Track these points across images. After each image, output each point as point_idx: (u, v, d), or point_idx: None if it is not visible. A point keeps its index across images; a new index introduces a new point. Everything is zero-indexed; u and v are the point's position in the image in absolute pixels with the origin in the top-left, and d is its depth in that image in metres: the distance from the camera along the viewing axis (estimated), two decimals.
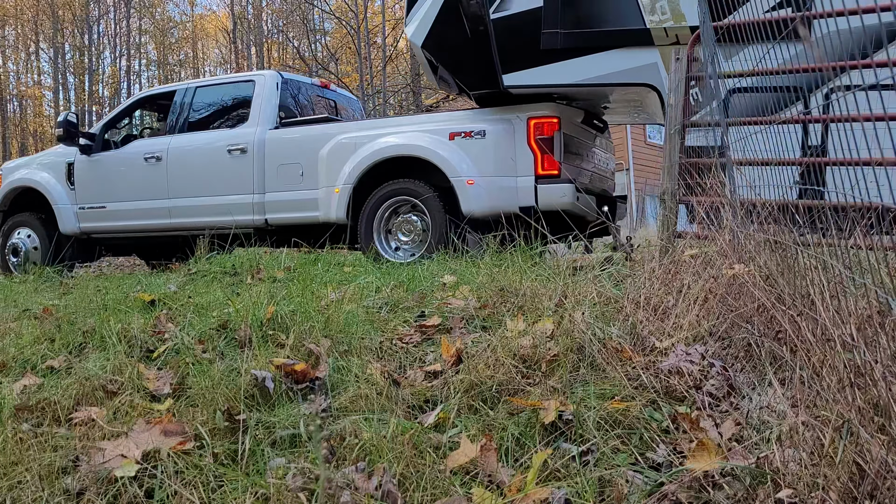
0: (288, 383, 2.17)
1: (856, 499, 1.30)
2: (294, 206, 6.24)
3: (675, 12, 5.03)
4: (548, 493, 1.48)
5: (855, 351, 1.50)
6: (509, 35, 5.37)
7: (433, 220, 5.64)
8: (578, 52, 5.27)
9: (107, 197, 7.06)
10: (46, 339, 3.02)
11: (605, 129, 6.74)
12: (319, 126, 6.39)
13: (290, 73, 8.58)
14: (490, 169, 5.51)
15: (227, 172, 6.47)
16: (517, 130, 5.47)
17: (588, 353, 2.19)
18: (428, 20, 5.67)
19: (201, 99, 6.96)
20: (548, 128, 5.39)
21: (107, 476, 1.65)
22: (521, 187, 5.44)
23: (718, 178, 3.41)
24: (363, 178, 5.88)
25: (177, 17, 39.76)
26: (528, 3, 5.31)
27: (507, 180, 5.48)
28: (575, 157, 5.76)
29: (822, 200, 2.18)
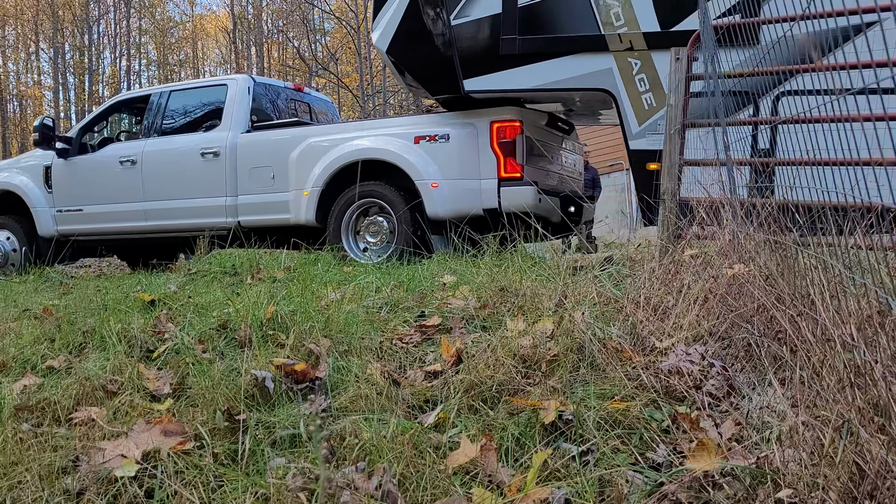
0: (288, 383, 2.17)
1: (856, 499, 1.30)
2: (266, 208, 6.34)
3: (629, 19, 5.19)
4: (548, 493, 1.48)
5: (855, 351, 1.50)
6: (469, 41, 5.52)
7: (399, 221, 5.76)
8: (536, 58, 5.41)
9: (83, 200, 7.17)
10: (46, 339, 3.03)
11: (571, 132, 6.84)
12: (290, 129, 6.49)
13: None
14: (454, 172, 5.63)
15: (201, 175, 6.58)
16: (480, 134, 5.60)
17: (588, 353, 2.19)
18: (392, 26, 5.78)
19: (175, 103, 7.08)
20: (510, 131, 5.52)
21: (107, 476, 1.65)
22: (484, 189, 5.57)
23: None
24: (331, 181, 6.01)
25: (177, 17, 39.78)
26: (487, 10, 5.44)
27: (470, 183, 5.60)
28: (539, 160, 5.87)
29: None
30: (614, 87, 5.31)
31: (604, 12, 5.24)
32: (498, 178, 5.53)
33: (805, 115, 2.17)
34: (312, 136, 6.26)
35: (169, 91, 7.16)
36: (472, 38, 5.54)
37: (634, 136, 5.36)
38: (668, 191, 3.73)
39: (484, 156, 5.58)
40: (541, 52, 5.40)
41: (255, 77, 6.99)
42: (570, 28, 5.38)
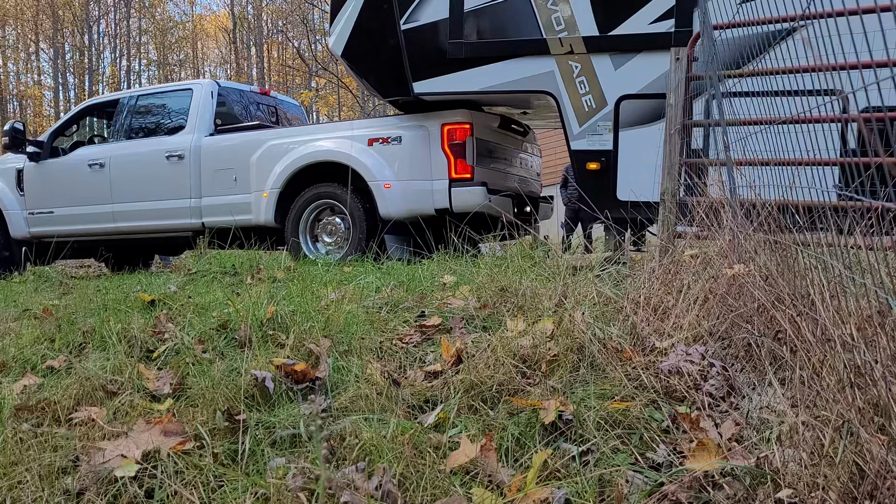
0: (288, 383, 2.17)
1: (856, 499, 1.30)
2: (229, 209, 6.51)
3: (570, 23, 5.38)
4: (548, 493, 1.48)
5: (855, 351, 1.50)
6: (418, 45, 5.71)
7: (354, 222, 5.98)
8: (481, 62, 5.62)
9: (54, 202, 7.34)
10: (46, 339, 3.03)
11: (527, 134, 7.03)
12: (251, 133, 6.68)
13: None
14: (406, 173, 5.82)
15: (166, 178, 6.76)
16: (432, 136, 5.79)
17: (588, 353, 2.19)
18: (346, 30, 5.98)
19: (143, 107, 7.26)
20: (460, 133, 5.71)
21: (107, 476, 1.65)
22: (436, 190, 5.76)
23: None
24: (289, 183, 6.20)
25: (177, 17, 39.77)
26: (435, 15, 5.64)
27: (422, 184, 5.79)
28: (491, 161, 6.08)
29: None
30: (556, 90, 5.49)
31: (545, 17, 5.42)
32: (449, 178, 5.71)
33: (805, 116, 2.18)
34: (272, 139, 6.44)
35: (136, 95, 7.36)
36: (421, 42, 5.72)
37: (575, 136, 5.53)
38: (669, 191, 3.73)
39: (435, 157, 5.75)
40: (486, 56, 5.60)
41: (219, 81, 7.26)
42: (513, 32, 5.56)
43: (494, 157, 6.15)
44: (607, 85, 5.39)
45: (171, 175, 6.72)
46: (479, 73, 5.66)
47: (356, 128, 6.26)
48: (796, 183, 2.32)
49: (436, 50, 5.69)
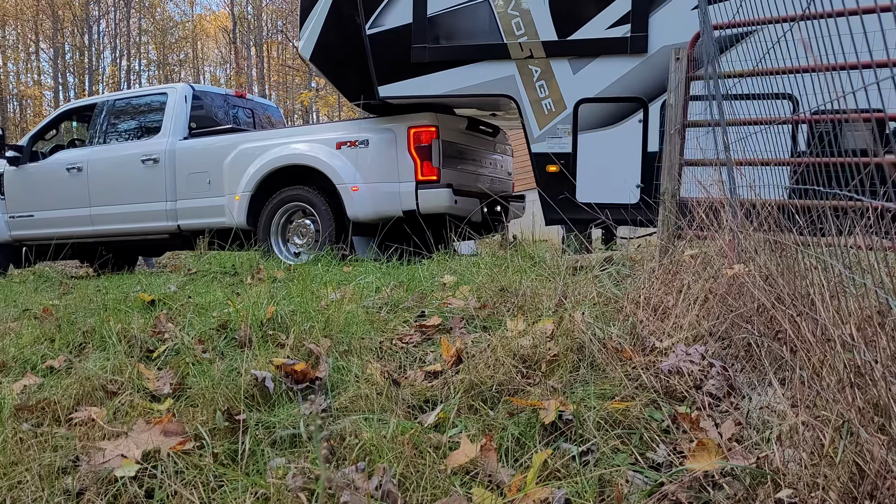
0: (288, 383, 2.17)
1: (856, 499, 1.30)
2: (203, 212, 6.66)
3: (529, 28, 5.52)
4: (548, 493, 1.48)
5: (855, 351, 1.50)
6: (383, 49, 5.85)
7: (323, 224, 6.10)
8: (444, 66, 5.76)
9: (34, 206, 7.49)
10: (46, 339, 3.03)
11: (497, 135, 7.18)
12: (224, 136, 6.81)
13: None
14: (373, 175, 5.94)
15: (142, 181, 6.91)
16: (399, 139, 5.90)
17: (588, 353, 2.19)
18: (314, 35, 6.12)
19: (120, 111, 7.39)
20: (426, 136, 5.83)
21: (107, 476, 1.65)
22: (403, 192, 5.87)
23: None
24: (260, 186, 6.33)
25: (177, 17, 39.78)
26: (399, 20, 5.77)
27: (389, 186, 5.91)
28: (459, 162, 6.22)
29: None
30: (517, 93, 5.62)
31: (506, 22, 5.56)
32: (416, 180, 5.82)
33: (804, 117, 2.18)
34: (244, 142, 6.56)
35: (113, 100, 7.49)
36: (386, 47, 5.85)
37: (536, 139, 5.64)
38: (668, 191, 3.73)
39: (402, 160, 5.86)
40: (448, 60, 5.75)
41: (194, 86, 7.41)
42: (475, 37, 5.70)
43: (462, 158, 6.28)
44: (566, 88, 5.52)
45: (147, 178, 6.87)
46: (442, 76, 5.79)
47: (325, 131, 6.42)
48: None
49: (400, 54, 5.80)
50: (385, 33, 5.84)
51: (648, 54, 5.22)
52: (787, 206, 2.32)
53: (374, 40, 5.86)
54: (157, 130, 6.95)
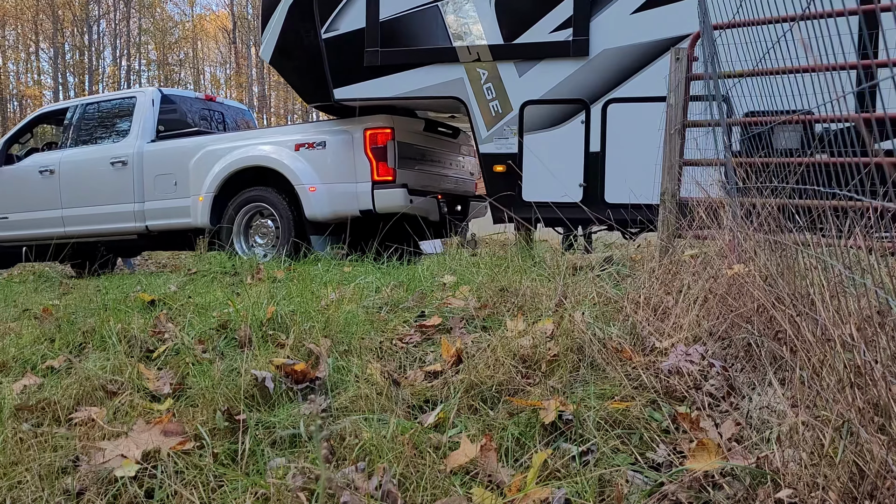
0: (288, 383, 2.17)
1: (856, 499, 1.30)
2: (170, 213, 6.86)
3: (477, 32, 5.73)
4: (548, 493, 1.48)
5: (855, 351, 1.50)
6: (338, 53, 6.09)
7: (283, 223, 6.30)
8: (396, 69, 5.94)
9: (8, 208, 7.68)
10: (46, 339, 3.03)
11: (457, 136, 7.44)
12: (189, 139, 7.00)
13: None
14: (331, 176, 6.13)
15: (111, 183, 7.12)
16: (355, 140, 6.09)
17: (588, 353, 2.19)
18: (273, 40, 6.33)
19: (90, 115, 7.56)
20: (381, 138, 6.02)
21: (107, 476, 1.65)
22: (359, 192, 6.06)
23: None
24: (223, 187, 6.53)
25: (177, 17, 39.77)
26: (353, 25, 5.98)
27: (346, 186, 6.09)
28: (416, 163, 6.43)
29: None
30: (465, 95, 5.80)
31: (454, 26, 5.79)
32: (372, 181, 6.00)
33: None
34: (208, 144, 6.77)
35: (84, 104, 7.67)
36: (340, 51, 6.08)
37: (483, 140, 5.82)
38: (668, 191, 3.73)
39: (359, 161, 6.05)
40: (400, 64, 5.93)
41: (162, 89, 7.62)
42: (425, 41, 5.89)
43: (420, 159, 6.48)
44: (512, 91, 5.68)
45: (116, 180, 7.06)
46: (394, 79, 5.97)
47: (286, 133, 6.63)
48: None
49: (354, 58, 6.01)
50: (339, 37, 6.05)
51: (590, 57, 5.44)
52: (787, 207, 2.32)
53: (329, 44, 6.07)
54: (126, 133, 7.14)
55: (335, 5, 6.01)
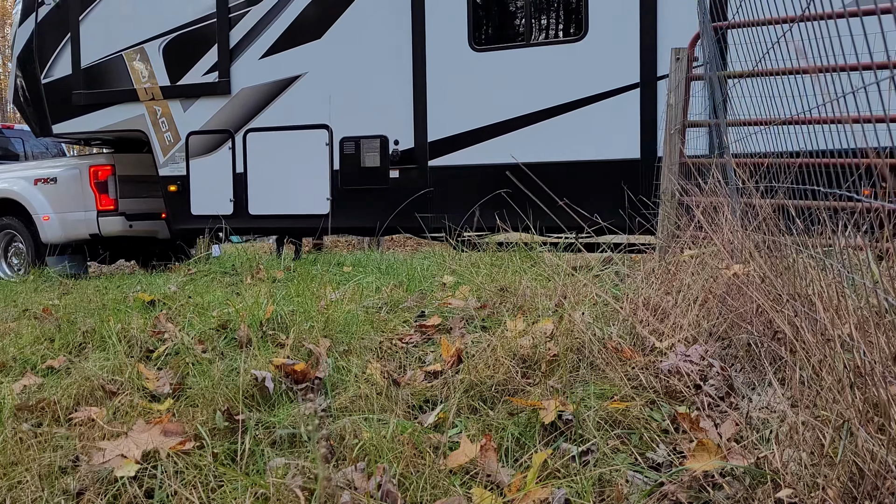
0: (288, 383, 2.17)
1: (855, 499, 1.30)
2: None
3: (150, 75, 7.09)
4: (548, 493, 1.48)
5: (854, 351, 1.50)
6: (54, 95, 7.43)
7: (27, 247, 7.54)
8: (96, 107, 7.30)
9: None
10: (46, 339, 3.03)
11: None
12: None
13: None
14: (63, 207, 7.28)
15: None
16: (83, 176, 7.27)
17: (588, 353, 2.19)
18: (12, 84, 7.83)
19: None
20: (103, 174, 7.27)
21: (107, 476, 1.65)
22: (87, 220, 7.26)
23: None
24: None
25: None
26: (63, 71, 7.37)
27: (77, 215, 7.27)
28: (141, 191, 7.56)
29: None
30: (146, 129, 7.16)
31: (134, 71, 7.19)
32: (97, 210, 7.22)
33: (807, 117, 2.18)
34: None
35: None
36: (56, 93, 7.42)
37: (161, 165, 7.13)
38: (668, 191, 3.73)
39: (86, 193, 7.26)
40: (98, 103, 7.28)
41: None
42: (115, 84, 7.24)
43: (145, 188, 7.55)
44: (180, 123, 7.06)
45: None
46: (96, 116, 7.32)
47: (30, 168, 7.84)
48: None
49: (66, 98, 7.34)
50: (55, 81, 7.42)
51: (232, 95, 6.85)
52: (786, 207, 2.32)
53: (47, 87, 7.44)
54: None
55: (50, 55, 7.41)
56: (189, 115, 7.01)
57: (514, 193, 5.44)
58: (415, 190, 6.21)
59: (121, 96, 7.20)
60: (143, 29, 7.12)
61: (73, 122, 7.40)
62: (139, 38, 7.13)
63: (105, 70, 7.25)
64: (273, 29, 6.65)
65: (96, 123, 7.33)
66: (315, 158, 6.51)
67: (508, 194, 5.50)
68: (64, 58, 7.35)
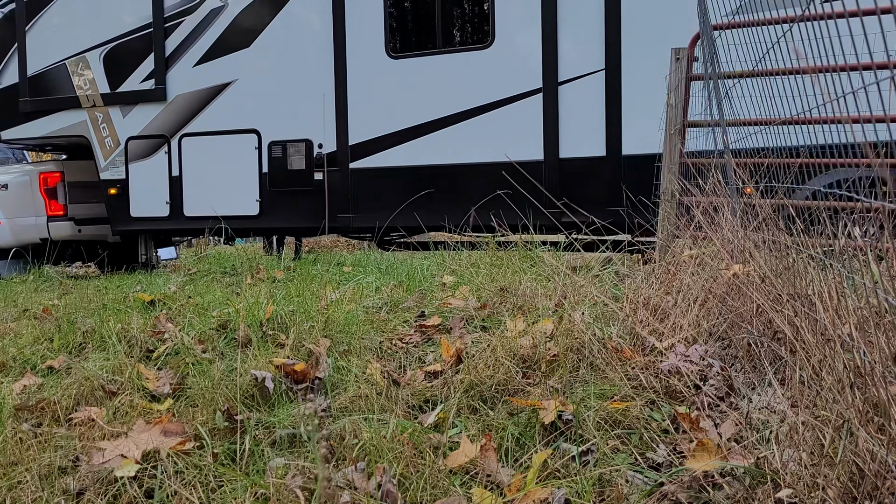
0: (288, 383, 2.17)
1: (855, 499, 1.30)
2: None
3: (92, 84, 7.44)
4: (548, 493, 1.48)
5: (854, 351, 1.50)
6: (3, 102, 7.79)
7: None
8: (41, 114, 7.66)
9: None
10: (46, 339, 3.03)
11: None
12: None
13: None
14: (14, 212, 7.59)
15: None
16: (33, 183, 7.57)
17: (588, 354, 2.19)
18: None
19: None
20: (52, 180, 7.58)
21: (107, 476, 1.65)
22: (38, 225, 7.58)
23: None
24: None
25: None
26: (11, 79, 7.77)
27: (28, 220, 7.60)
28: (89, 197, 7.83)
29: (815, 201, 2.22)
30: (88, 134, 7.50)
31: (77, 79, 7.51)
32: (47, 215, 7.54)
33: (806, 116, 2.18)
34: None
35: None
36: (5, 100, 7.78)
37: (102, 168, 7.45)
38: (668, 191, 3.73)
39: (37, 199, 7.58)
40: (43, 110, 7.63)
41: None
42: (59, 91, 7.55)
43: (94, 193, 7.79)
44: (119, 129, 7.41)
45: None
46: (42, 122, 7.66)
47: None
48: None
49: (13, 106, 7.69)
50: (4, 89, 7.79)
51: (168, 101, 7.19)
52: (786, 206, 2.32)
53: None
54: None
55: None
56: (128, 120, 7.40)
57: (433, 194, 6.23)
58: (337, 191, 6.62)
59: (64, 103, 7.55)
60: (85, 39, 7.50)
61: (20, 128, 7.78)
62: (81, 48, 7.53)
63: (50, 78, 7.63)
64: (206, 38, 7.05)
65: (42, 129, 7.70)
66: (245, 162, 6.95)
67: (428, 195, 6.22)
68: (11, 67, 7.76)
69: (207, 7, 7.01)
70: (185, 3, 7.12)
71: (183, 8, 7.13)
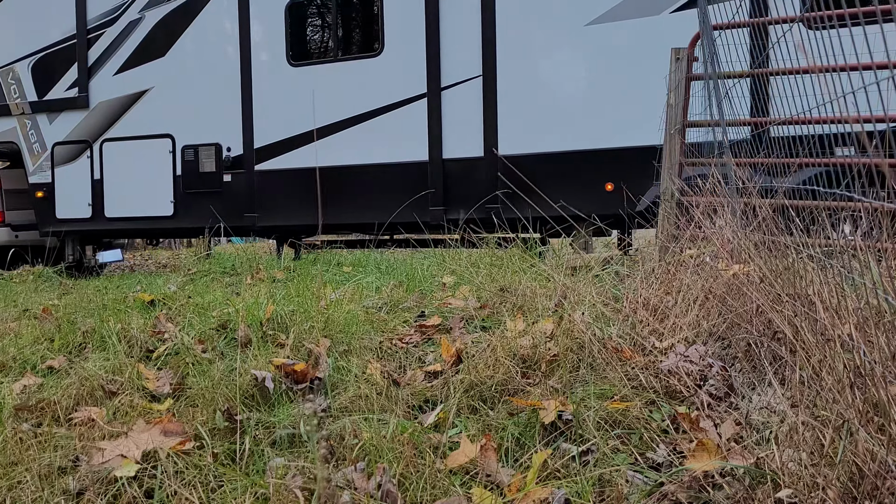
0: (288, 383, 2.17)
1: (855, 499, 1.30)
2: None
3: (21, 92, 8.07)
4: (548, 493, 1.48)
5: (854, 351, 1.50)
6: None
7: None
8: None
9: None
10: (46, 339, 3.03)
11: None
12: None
13: None
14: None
15: None
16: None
17: (588, 354, 2.19)
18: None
19: None
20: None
21: (107, 476, 1.65)
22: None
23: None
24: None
25: None
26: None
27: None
28: (28, 202, 8.24)
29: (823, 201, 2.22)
30: (18, 140, 8.10)
31: (7, 87, 8.17)
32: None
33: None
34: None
35: None
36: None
37: (31, 173, 8.03)
38: (668, 191, 3.73)
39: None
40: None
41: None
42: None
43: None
44: (47, 135, 7.97)
45: None
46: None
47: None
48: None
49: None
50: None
51: (90, 108, 7.75)
52: (786, 206, 2.32)
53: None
54: None
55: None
56: (54, 127, 7.91)
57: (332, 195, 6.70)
58: (243, 192, 7.11)
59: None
60: (15, 49, 8.05)
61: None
62: (11, 58, 8.11)
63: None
64: (125, 48, 7.60)
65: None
66: (161, 165, 7.42)
67: (328, 195, 6.70)
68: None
69: (126, 19, 7.55)
70: (106, 16, 7.69)
71: (104, 20, 7.70)
